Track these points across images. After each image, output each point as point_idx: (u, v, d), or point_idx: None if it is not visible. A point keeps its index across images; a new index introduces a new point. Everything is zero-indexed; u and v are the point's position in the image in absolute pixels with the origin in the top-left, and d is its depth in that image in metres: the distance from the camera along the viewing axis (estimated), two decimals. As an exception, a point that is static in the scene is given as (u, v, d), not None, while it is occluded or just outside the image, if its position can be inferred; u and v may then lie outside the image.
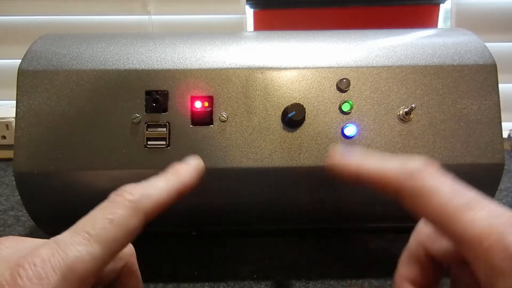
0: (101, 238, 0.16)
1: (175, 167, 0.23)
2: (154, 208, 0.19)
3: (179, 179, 0.22)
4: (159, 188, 0.21)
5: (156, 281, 0.31)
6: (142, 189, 0.20)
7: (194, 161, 0.24)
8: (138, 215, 0.18)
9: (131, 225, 0.18)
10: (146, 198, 0.19)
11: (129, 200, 0.18)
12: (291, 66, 0.31)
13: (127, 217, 0.18)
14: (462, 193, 0.17)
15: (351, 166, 0.21)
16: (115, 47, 0.32)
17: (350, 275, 0.31)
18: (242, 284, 0.30)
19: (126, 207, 0.18)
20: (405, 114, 0.30)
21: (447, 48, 0.32)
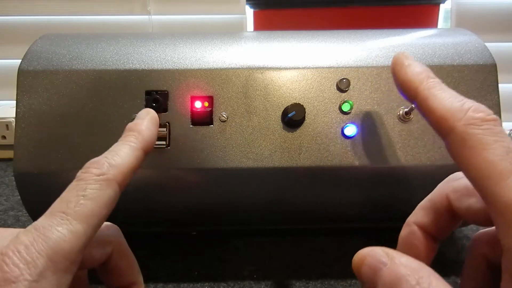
0: (79, 215, 0.17)
1: (131, 127, 0.23)
2: (124, 175, 0.20)
3: (140, 138, 0.22)
4: (123, 154, 0.20)
5: (156, 281, 0.31)
6: (106, 160, 0.20)
7: (145, 113, 0.24)
8: (111, 185, 0.19)
9: (106, 196, 0.18)
10: (114, 168, 0.19)
11: (97, 173, 0.19)
12: (291, 66, 0.31)
13: (100, 190, 0.18)
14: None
15: (414, 80, 0.20)
16: (115, 47, 0.32)
17: (350, 275, 0.31)
18: (242, 284, 0.30)
19: (95, 181, 0.18)
20: (405, 114, 0.30)
21: (447, 48, 0.32)
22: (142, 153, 0.22)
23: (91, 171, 0.19)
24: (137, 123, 0.23)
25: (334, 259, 0.33)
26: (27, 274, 0.15)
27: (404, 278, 0.15)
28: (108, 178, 0.19)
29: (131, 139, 0.22)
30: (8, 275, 0.14)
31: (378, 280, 0.17)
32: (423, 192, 0.32)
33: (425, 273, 0.15)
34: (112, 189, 0.19)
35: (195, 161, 0.30)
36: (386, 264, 0.17)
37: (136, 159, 0.21)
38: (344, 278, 0.31)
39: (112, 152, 0.21)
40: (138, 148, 0.21)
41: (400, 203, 0.32)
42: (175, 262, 0.33)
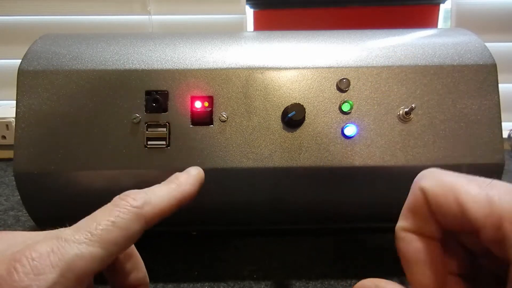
0: (103, 239, 0.17)
1: (177, 176, 0.24)
2: (155, 215, 0.20)
3: (180, 189, 0.23)
4: (161, 196, 0.21)
5: (156, 281, 0.31)
6: (145, 196, 0.20)
7: (195, 171, 0.25)
8: (140, 220, 0.19)
9: (133, 229, 0.18)
10: (148, 205, 0.20)
11: (132, 205, 0.19)
12: (291, 66, 0.31)
13: (129, 221, 0.18)
14: None
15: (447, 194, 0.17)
16: (115, 47, 0.32)
17: (350, 275, 0.31)
18: (242, 284, 0.30)
19: (129, 212, 0.18)
20: (405, 114, 0.30)
21: (447, 48, 0.32)
22: (177, 203, 0.22)
23: (128, 200, 0.19)
24: (184, 176, 0.24)
25: (334, 259, 0.33)
26: (35, 286, 0.14)
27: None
28: (140, 212, 0.19)
29: (173, 186, 0.23)
30: (16, 285, 0.14)
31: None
32: (423, 192, 0.32)
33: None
34: (140, 224, 0.19)
35: (195, 161, 0.30)
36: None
37: (169, 206, 0.21)
38: (344, 278, 0.31)
39: (152, 190, 0.21)
40: (176, 197, 0.22)
41: (400, 203, 0.32)
42: (175, 262, 0.33)
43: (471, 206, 0.15)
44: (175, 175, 0.24)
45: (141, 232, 0.19)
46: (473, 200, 0.16)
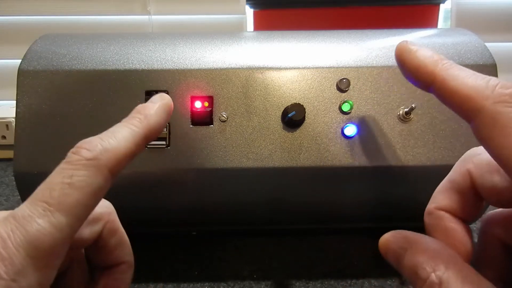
0: (63, 205, 0.15)
1: (139, 110, 0.20)
2: (118, 162, 0.17)
3: (144, 124, 0.19)
4: (122, 138, 0.18)
5: (156, 281, 0.31)
6: (101, 142, 0.17)
7: (159, 98, 0.21)
8: (101, 172, 0.16)
9: (95, 184, 0.16)
10: (107, 152, 0.17)
11: (87, 157, 0.16)
12: (291, 66, 0.31)
13: (89, 177, 0.16)
14: None
15: (427, 63, 0.18)
16: (115, 47, 0.32)
17: (350, 275, 0.31)
18: (242, 284, 0.30)
19: (85, 166, 0.16)
20: (405, 114, 0.30)
21: (447, 48, 0.32)
22: (143, 140, 0.19)
23: (82, 153, 0.17)
24: (147, 106, 0.20)
25: (334, 259, 0.33)
26: (3, 272, 0.13)
27: (421, 266, 0.15)
28: (99, 164, 0.16)
29: (135, 122, 0.19)
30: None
31: (400, 266, 0.17)
32: (423, 192, 0.32)
33: (442, 260, 0.15)
34: (103, 177, 0.16)
35: (195, 161, 0.30)
36: (406, 249, 0.17)
37: (135, 146, 0.18)
38: (344, 278, 0.31)
39: (109, 133, 0.18)
40: (140, 134, 0.19)
41: (400, 203, 0.32)
42: (175, 262, 0.33)
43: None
44: (136, 109, 0.20)
45: (110, 184, 0.17)
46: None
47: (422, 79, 0.19)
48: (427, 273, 0.15)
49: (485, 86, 0.16)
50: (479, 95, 0.16)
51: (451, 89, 0.17)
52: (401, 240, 0.17)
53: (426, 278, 0.15)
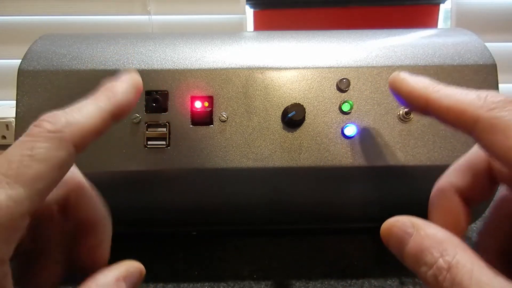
0: (22, 178, 0.14)
1: (107, 87, 0.20)
2: (83, 136, 0.17)
3: (113, 101, 0.19)
4: (87, 113, 0.18)
5: (156, 281, 0.31)
6: (65, 116, 0.17)
7: (127, 76, 0.21)
8: (64, 145, 0.16)
9: (58, 158, 0.15)
10: (71, 126, 0.16)
11: (50, 130, 0.16)
12: (291, 66, 0.31)
13: (51, 149, 0.15)
14: None
15: (420, 88, 0.20)
16: (115, 47, 0.32)
17: (350, 275, 0.31)
18: (242, 284, 0.30)
19: (47, 138, 0.16)
20: (405, 114, 0.30)
21: (447, 48, 0.32)
22: (110, 117, 0.18)
23: (44, 125, 0.16)
24: (116, 84, 0.20)
25: (334, 259, 0.33)
26: None
27: (428, 251, 0.15)
28: (62, 136, 0.16)
29: (102, 98, 0.19)
30: None
31: (403, 251, 0.16)
32: (423, 192, 0.32)
33: (450, 245, 0.15)
34: (67, 150, 0.16)
35: (195, 161, 0.30)
36: (411, 235, 0.16)
37: (101, 122, 0.18)
38: (344, 278, 0.31)
39: (75, 108, 0.18)
40: (107, 111, 0.18)
41: (400, 203, 0.32)
42: (175, 262, 0.33)
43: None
44: (104, 86, 0.20)
45: (73, 159, 0.16)
46: None
47: (417, 103, 0.20)
48: (435, 258, 0.15)
49: (477, 98, 0.17)
50: (473, 107, 0.17)
51: (445, 107, 0.18)
52: (407, 224, 0.17)
53: (433, 263, 0.15)
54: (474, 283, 0.14)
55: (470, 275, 0.14)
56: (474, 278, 0.14)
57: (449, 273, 0.14)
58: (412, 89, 0.20)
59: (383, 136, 0.30)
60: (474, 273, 0.14)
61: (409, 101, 0.21)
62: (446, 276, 0.14)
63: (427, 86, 0.20)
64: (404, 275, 0.31)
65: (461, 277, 0.14)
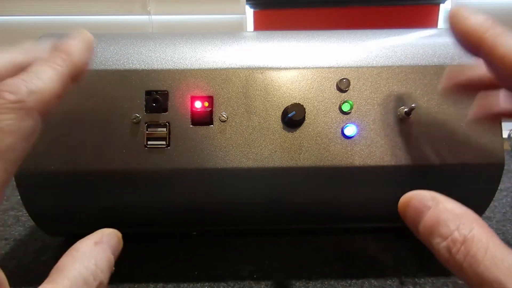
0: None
1: (58, 47, 0.19)
2: (47, 103, 0.17)
3: (69, 63, 0.18)
4: (47, 79, 0.17)
5: (156, 281, 0.31)
6: (26, 84, 0.16)
7: (80, 35, 0.20)
8: (30, 114, 0.16)
9: (25, 127, 0.16)
10: (34, 94, 0.16)
11: (13, 100, 0.15)
12: (291, 66, 0.31)
13: (17, 120, 0.15)
14: None
15: (477, 29, 0.19)
16: (115, 47, 0.32)
17: (350, 275, 0.31)
18: (242, 284, 0.30)
19: (12, 109, 0.15)
20: (405, 114, 0.30)
21: (447, 48, 0.32)
22: (69, 80, 0.18)
23: (5, 96, 0.15)
24: (67, 43, 0.19)
25: (334, 259, 0.33)
26: None
27: (444, 223, 0.15)
28: (27, 106, 0.16)
29: (58, 61, 0.18)
30: None
31: (419, 222, 0.16)
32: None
33: (468, 219, 0.15)
34: (33, 119, 0.16)
35: (195, 161, 0.30)
36: (430, 208, 0.16)
37: (61, 86, 0.18)
38: (344, 278, 0.31)
39: (32, 74, 0.17)
40: (65, 74, 0.18)
41: (400, 203, 0.32)
42: (175, 262, 0.33)
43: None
44: (56, 47, 0.19)
45: (39, 127, 0.16)
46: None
47: (470, 44, 0.19)
48: (451, 230, 0.15)
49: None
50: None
51: (498, 55, 0.18)
52: (427, 197, 0.17)
53: (448, 235, 0.15)
54: (489, 257, 0.13)
55: (485, 249, 0.14)
56: (489, 252, 0.14)
57: (463, 246, 0.14)
58: (469, 28, 0.19)
59: (383, 136, 0.30)
60: (489, 247, 0.14)
61: (464, 41, 0.20)
62: (460, 249, 0.14)
63: (486, 27, 0.19)
64: (404, 275, 0.31)
65: (475, 251, 0.14)
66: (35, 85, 0.16)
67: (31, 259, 0.34)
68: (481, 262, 0.13)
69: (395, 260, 0.33)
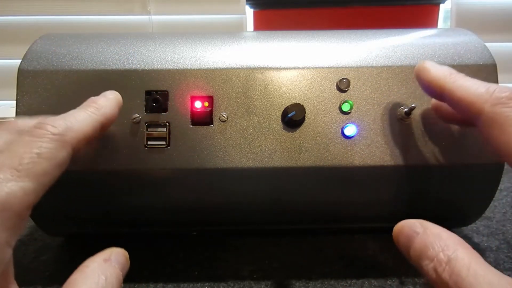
0: (31, 173, 0.17)
1: (94, 100, 0.24)
2: (79, 140, 0.20)
3: (100, 112, 0.22)
4: (82, 121, 0.21)
5: (156, 281, 0.31)
6: (65, 121, 0.19)
7: (112, 94, 0.25)
8: (66, 147, 0.19)
9: (60, 157, 0.18)
10: (71, 131, 0.19)
11: (53, 132, 0.18)
12: (291, 66, 0.31)
13: (55, 150, 0.18)
14: None
15: (438, 78, 0.23)
16: (115, 47, 0.32)
17: (350, 275, 0.31)
18: (242, 284, 0.30)
19: (52, 140, 0.18)
20: (405, 114, 0.30)
21: (447, 48, 0.32)
22: (100, 126, 0.22)
23: (47, 128, 0.18)
24: (101, 98, 0.24)
25: (334, 259, 0.33)
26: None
27: (431, 246, 0.17)
28: (64, 139, 0.18)
29: (92, 110, 0.22)
30: None
31: (410, 248, 0.18)
32: (423, 192, 0.32)
33: (452, 242, 0.16)
34: (67, 151, 0.18)
35: (195, 161, 0.30)
36: (418, 233, 0.18)
37: (93, 129, 0.21)
38: (344, 278, 0.31)
39: (71, 116, 0.21)
40: (97, 120, 0.22)
41: (400, 203, 0.32)
42: (175, 262, 0.33)
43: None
44: (91, 99, 0.24)
45: (69, 159, 0.19)
46: None
47: (434, 91, 0.23)
48: (436, 252, 0.16)
49: (485, 91, 0.19)
50: (480, 100, 0.19)
51: (457, 98, 0.21)
52: (416, 225, 0.18)
53: (434, 257, 0.16)
54: (472, 274, 0.15)
55: (467, 268, 0.15)
56: (471, 270, 0.15)
57: (448, 266, 0.15)
58: (432, 78, 0.23)
59: (383, 136, 0.30)
60: (471, 266, 0.15)
61: (428, 89, 0.24)
62: (445, 268, 0.15)
63: (445, 76, 0.22)
64: (404, 275, 0.31)
65: (459, 269, 0.15)
66: (72, 123, 0.20)
67: (31, 259, 0.34)
68: (464, 279, 0.15)
69: (395, 260, 0.33)
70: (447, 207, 0.33)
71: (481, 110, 0.19)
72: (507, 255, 0.33)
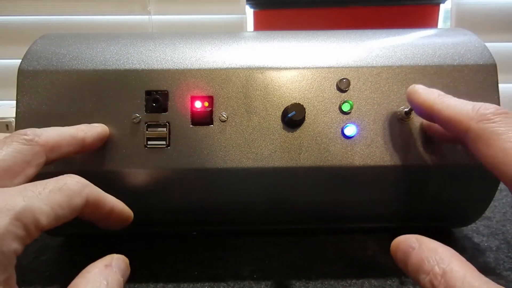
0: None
1: (80, 126, 0.27)
2: (52, 148, 0.23)
3: (80, 128, 0.26)
4: (57, 131, 0.24)
5: (156, 281, 0.31)
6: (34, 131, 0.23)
7: (100, 127, 0.28)
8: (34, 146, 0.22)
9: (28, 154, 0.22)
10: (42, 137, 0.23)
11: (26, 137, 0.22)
12: (291, 66, 0.31)
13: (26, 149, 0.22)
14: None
15: (428, 100, 0.24)
16: (115, 47, 0.32)
17: (350, 275, 0.31)
18: (242, 284, 0.30)
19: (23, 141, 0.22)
20: (405, 114, 0.30)
21: (447, 48, 0.32)
22: (80, 143, 0.25)
23: (20, 132, 0.22)
24: (87, 126, 0.27)
25: (334, 259, 0.33)
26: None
27: (426, 259, 0.17)
28: (36, 141, 0.22)
29: (73, 127, 0.26)
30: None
31: (407, 263, 0.18)
32: (423, 192, 0.32)
33: (446, 255, 0.17)
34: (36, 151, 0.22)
35: (195, 161, 0.30)
36: (415, 248, 0.18)
37: (69, 142, 0.24)
38: (344, 278, 0.31)
39: (48, 128, 0.24)
40: (72, 134, 0.25)
41: (400, 203, 0.32)
42: (175, 262, 0.33)
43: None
44: (80, 126, 0.27)
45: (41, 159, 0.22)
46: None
47: (425, 112, 0.25)
48: (431, 265, 0.16)
49: (471, 109, 0.20)
50: (466, 117, 0.20)
51: (446, 117, 0.22)
52: (412, 240, 0.19)
53: (429, 270, 0.16)
54: (466, 286, 0.15)
55: (462, 279, 0.15)
56: (465, 282, 0.15)
57: (443, 278, 0.16)
58: (422, 101, 0.25)
59: (383, 136, 0.30)
60: (466, 277, 0.15)
61: (419, 111, 0.26)
62: (441, 281, 0.16)
63: (434, 98, 0.24)
64: (404, 275, 0.31)
65: (454, 281, 0.15)
66: (45, 131, 0.23)
67: (31, 259, 0.34)
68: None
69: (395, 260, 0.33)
70: (447, 207, 0.33)
71: (468, 127, 0.20)
72: (507, 255, 0.33)
